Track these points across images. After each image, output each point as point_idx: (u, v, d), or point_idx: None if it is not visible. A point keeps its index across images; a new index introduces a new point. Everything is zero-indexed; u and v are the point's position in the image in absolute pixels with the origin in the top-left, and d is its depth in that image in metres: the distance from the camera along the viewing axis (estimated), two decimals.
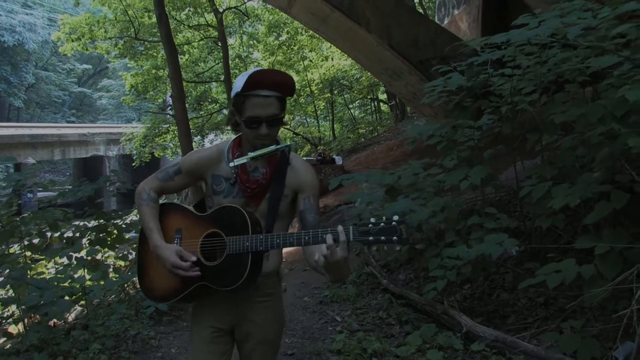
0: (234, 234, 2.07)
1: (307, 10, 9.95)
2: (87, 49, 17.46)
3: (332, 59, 22.24)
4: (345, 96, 23.89)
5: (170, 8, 16.26)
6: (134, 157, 21.08)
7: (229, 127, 2.45)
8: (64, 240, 5.61)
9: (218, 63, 20.40)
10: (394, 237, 1.84)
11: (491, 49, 3.69)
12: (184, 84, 14.27)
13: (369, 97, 23.25)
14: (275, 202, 2.17)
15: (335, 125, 23.96)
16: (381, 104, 24.11)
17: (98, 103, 42.58)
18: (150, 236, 2.19)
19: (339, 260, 1.88)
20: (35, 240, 5.42)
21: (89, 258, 5.12)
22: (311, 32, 17.09)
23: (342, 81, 22.06)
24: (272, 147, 2.14)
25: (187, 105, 14.47)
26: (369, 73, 17.84)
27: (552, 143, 3.84)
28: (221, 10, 17.13)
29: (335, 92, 22.92)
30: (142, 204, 2.29)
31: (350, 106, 24.93)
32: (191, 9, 18.17)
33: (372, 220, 1.89)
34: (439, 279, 3.44)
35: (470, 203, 5.03)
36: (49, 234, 5.51)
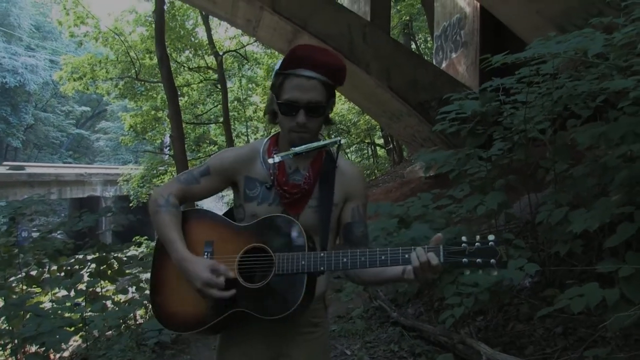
0: (282, 251, 1.72)
1: None
2: (88, 89, 17.68)
3: None
4: (343, 141, 24.00)
5: (172, 50, 16.50)
6: (131, 198, 21.01)
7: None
8: (63, 273, 5.48)
9: (217, 105, 20.61)
10: (492, 260, 1.57)
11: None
12: (183, 125, 14.36)
13: (366, 140, 23.39)
14: (326, 212, 1.82)
15: None
16: (378, 148, 24.25)
17: (95, 145, 42.73)
18: (173, 248, 1.77)
19: (428, 280, 1.66)
20: (34, 272, 5.29)
21: (90, 290, 5.00)
22: None
23: (339, 125, 22.23)
24: (323, 142, 1.80)
25: (185, 146, 14.49)
26: (366, 117, 18.03)
27: (565, 171, 3.81)
28: (221, 53, 17.39)
29: (333, 136, 23.10)
30: (159, 210, 1.84)
31: (348, 150, 25.07)
32: (192, 51, 18.46)
33: (464, 239, 1.62)
34: (456, 306, 3.35)
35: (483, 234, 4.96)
36: (47, 265, 5.40)
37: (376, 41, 8.95)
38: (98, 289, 5.39)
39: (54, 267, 5.38)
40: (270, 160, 1.79)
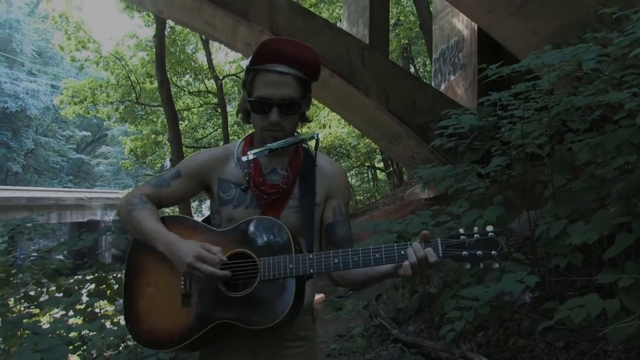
0: (266, 255, 1.60)
1: None
2: (88, 113, 17.82)
3: (330, 127, 22.60)
4: (343, 164, 24.13)
5: (172, 74, 16.67)
6: None
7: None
8: (62, 293, 5.45)
9: (217, 129, 20.74)
10: (493, 252, 1.51)
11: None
12: (183, 149, 14.42)
13: (366, 164, 23.46)
14: (308, 212, 1.71)
15: None
16: (378, 171, 24.31)
17: (96, 170, 42.83)
18: (159, 236, 1.62)
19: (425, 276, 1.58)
20: (32, 292, 5.27)
21: (89, 309, 4.97)
22: None
23: (339, 149, 22.29)
24: (300, 137, 1.72)
25: None
26: (366, 140, 18.11)
27: (563, 186, 3.83)
28: (221, 77, 17.56)
29: (333, 159, 23.08)
30: (134, 208, 1.70)
31: (348, 174, 25.11)
32: (192, 75, 18.63)
33: (462, 231, 1.55)
34: (456, 320, 3.33)
35: None
36: (46, 285, 5.37)
37: (375, 64, 9.04)
38: (97, 309, 5.36)
39: (53, 287, 5.36)
40: (244, 158, 1.68)
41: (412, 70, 19.75)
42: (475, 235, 1.53)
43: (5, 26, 36.08)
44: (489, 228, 1.54)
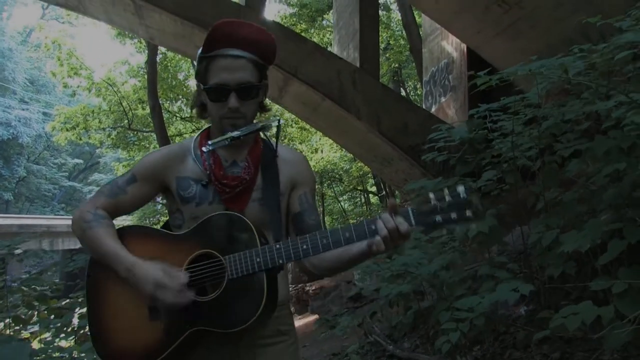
0: (232, 252, 1.53)
1: (298, 100, 10.21)
2: (80, 139, 17.73)
3: (322, 151, 22.63)
4: (336, 189, 24.08)
5: (164, 100, 16.72)
6: None
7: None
8: (53, 316, 5.38)
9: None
10: (467, 213, 1.42)
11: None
12: None
13: (359, 188, 23.46)
14: (274, 203, 1.63)
15: (325, 218, 23.95)
16: (371, 195, 24.31)
17: (88, 197, 42.45)
18: (118, 258, 1.55)
19: (398, 247, 1.48)
20: (22, 315, 5.20)
21: (81, 332, 4.91)
22: (301, 124, 17.47)
23: (331, 173, 22.31)
24: (261, 124, 1.64)
25: None
26: (358, 164, 18.15)
27: (554, 199, 3.85)
28: None
29: (325, 184, 23.12)
30: (89, 226, 1.60)
31: (340, 199, 25.07)
32: (184, 101, 18.69)
33: (432, 195, 1.46)
34: (451, 331, 3.31)
35: (475, 267, 4.96)
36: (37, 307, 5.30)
37: (366, 87, 9.08)
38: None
39: (44, 309, 5.29)
40: (204, 149, 1.60)
41: (403, 93, 19.91)
42: (447, 198, 1.45)
43: None
44: (460, 188, 1.46)
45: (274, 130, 1.70)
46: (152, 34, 10.48)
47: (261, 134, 1.75)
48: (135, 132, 18.39)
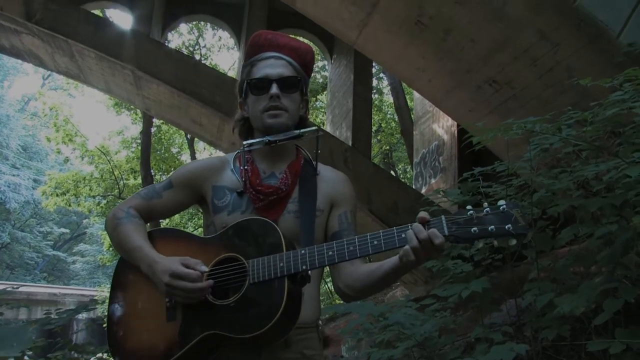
0: (256, 257, 1.48)
1: None
2: (70, 205, 17.60)
3: None
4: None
5: (156, 170, 16.82)
6: (105, 319, 20.21)
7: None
8: None
9: (197, 229, 20.56)
10: (507, 226, 1.29)
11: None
12: None
13: None
14: (309, 217, 1.59)
15: None
16: None
17: (71, 267, 41.64)
18: (141, 254, 1.55)
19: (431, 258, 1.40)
20: None
21: None
22: None
23: None
24: (300, 131, 1.64)
25: None
26: None
27: (547, 266, 3.83)
28: None
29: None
30: (120, 222, 1.62)
31: (328, 280, 24.75)
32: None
33: (470, 207, 1.38)
34: None
35: (467, 338, 4.85)
36: None
37: (357, 165, 9.20)
38: None
39: None
40: (245, 142, 1.62)
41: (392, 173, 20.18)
42: (486, 210, 1.35)
43: None
44: (501, 202, 1.35)
45: (312, 139, 1.69)
46: (148, 105, 10.69)
47: (302, 150, 1.77)
48: None
